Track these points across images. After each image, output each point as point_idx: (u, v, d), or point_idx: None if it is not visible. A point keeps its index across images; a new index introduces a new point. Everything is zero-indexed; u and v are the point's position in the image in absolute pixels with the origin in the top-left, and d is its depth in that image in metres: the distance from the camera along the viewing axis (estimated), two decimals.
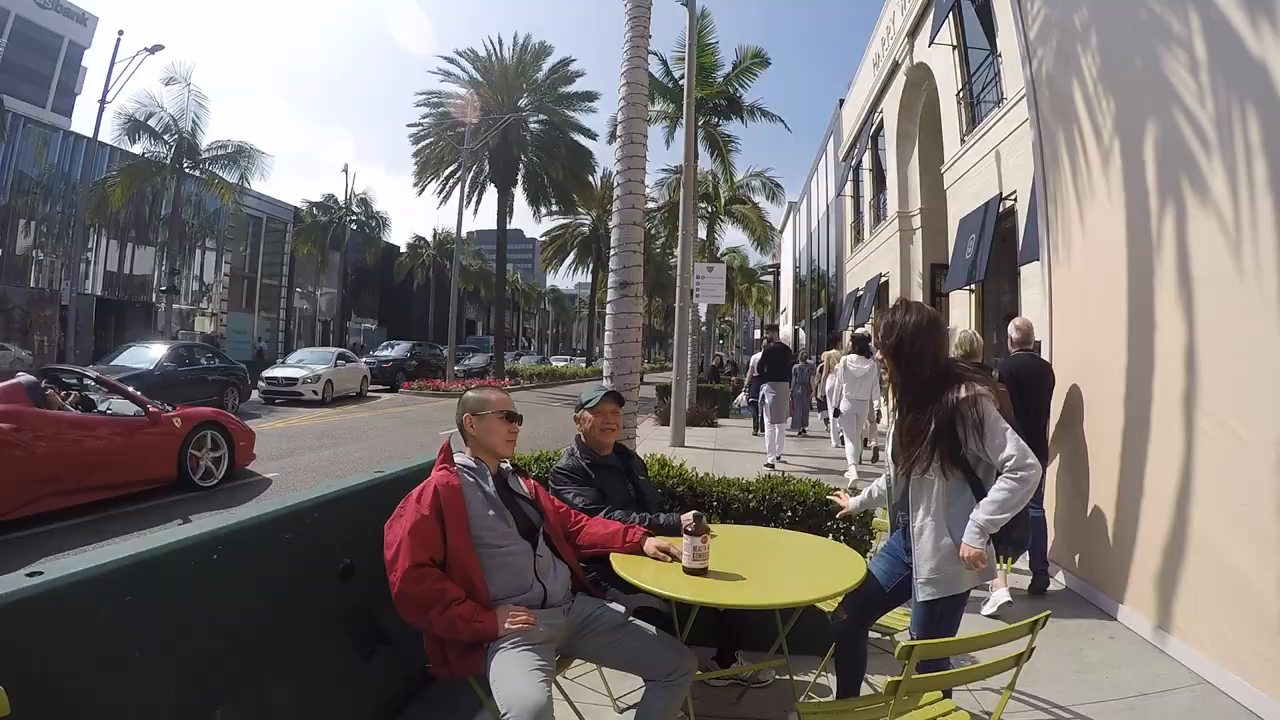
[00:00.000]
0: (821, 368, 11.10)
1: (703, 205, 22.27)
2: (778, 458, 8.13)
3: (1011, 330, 4.37)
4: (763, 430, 8.83)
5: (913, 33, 13.09)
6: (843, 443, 7.99)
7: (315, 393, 15.81)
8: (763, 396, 8.92)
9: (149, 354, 12.13)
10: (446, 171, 24.91)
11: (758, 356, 9.91)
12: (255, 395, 15.60)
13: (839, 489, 2.56)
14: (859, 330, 9.35)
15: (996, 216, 9.03)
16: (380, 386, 20.90)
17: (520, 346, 55.63)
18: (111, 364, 11.80)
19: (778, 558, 2.48)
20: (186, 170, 20.26)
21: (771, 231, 29.88)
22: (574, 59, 25.14)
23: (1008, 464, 1.98)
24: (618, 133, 5.45)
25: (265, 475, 7.49)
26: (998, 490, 1.98)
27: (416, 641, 2.05)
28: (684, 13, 11.07)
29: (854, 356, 7.64)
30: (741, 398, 13.63)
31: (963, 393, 2.04)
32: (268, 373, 16.45)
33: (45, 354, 21.50)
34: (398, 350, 24.87)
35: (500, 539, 2.12)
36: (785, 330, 33.05)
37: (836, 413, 7.85)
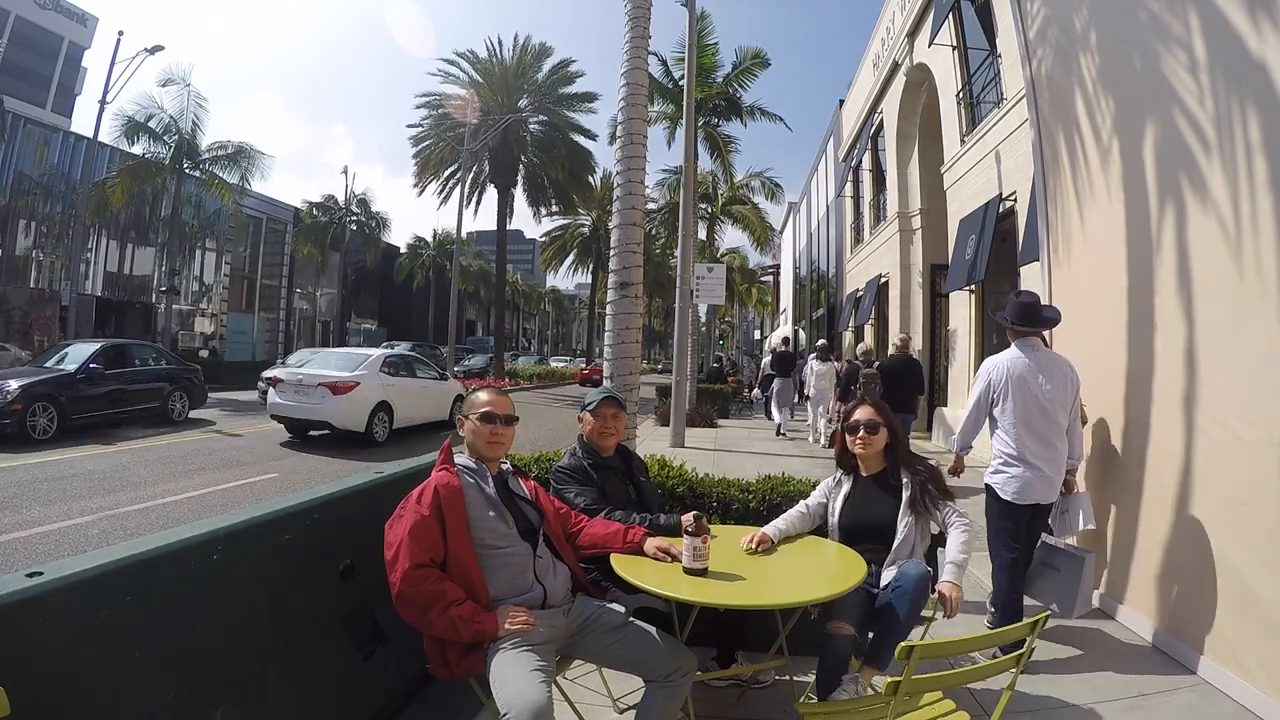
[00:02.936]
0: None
1: (703, 206, 22.28)
2: (782, 427, 12.13)
3: (896, 339, 7.80)
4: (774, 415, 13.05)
5: (912, 33, 13.08)
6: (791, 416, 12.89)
7: None
8: (773, 388, 12.87)
9: (82, 353, 10.52)
10: (446, 172, 24.94)
11: (768, 359, 15.05)
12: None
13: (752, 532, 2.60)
14: (819, 342, 13.23)
15: (996, 217, 9.02)
16: None
17: (520, 347, 55.65)
18: (44, 364, 10.51)
19: (777, 558, 2.47)
20: (186, 171, 20.23)
21: (771, 232, 29.88)
22: (574, 60, 25.21)
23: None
24: (618, 133, 5.45)
25: (265, 476, 7.50)
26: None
27: (416, 641, 2.05)
28: (684, 14, 11.08)
29: (817, 361, 11.28)
30: (757, 391, 17.54)
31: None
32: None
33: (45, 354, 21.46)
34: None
35: (500, 540, 2.11)
36: (786, 330, 33.30)
37: (807, 397, 11.66)
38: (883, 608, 2.35)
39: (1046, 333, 4.72)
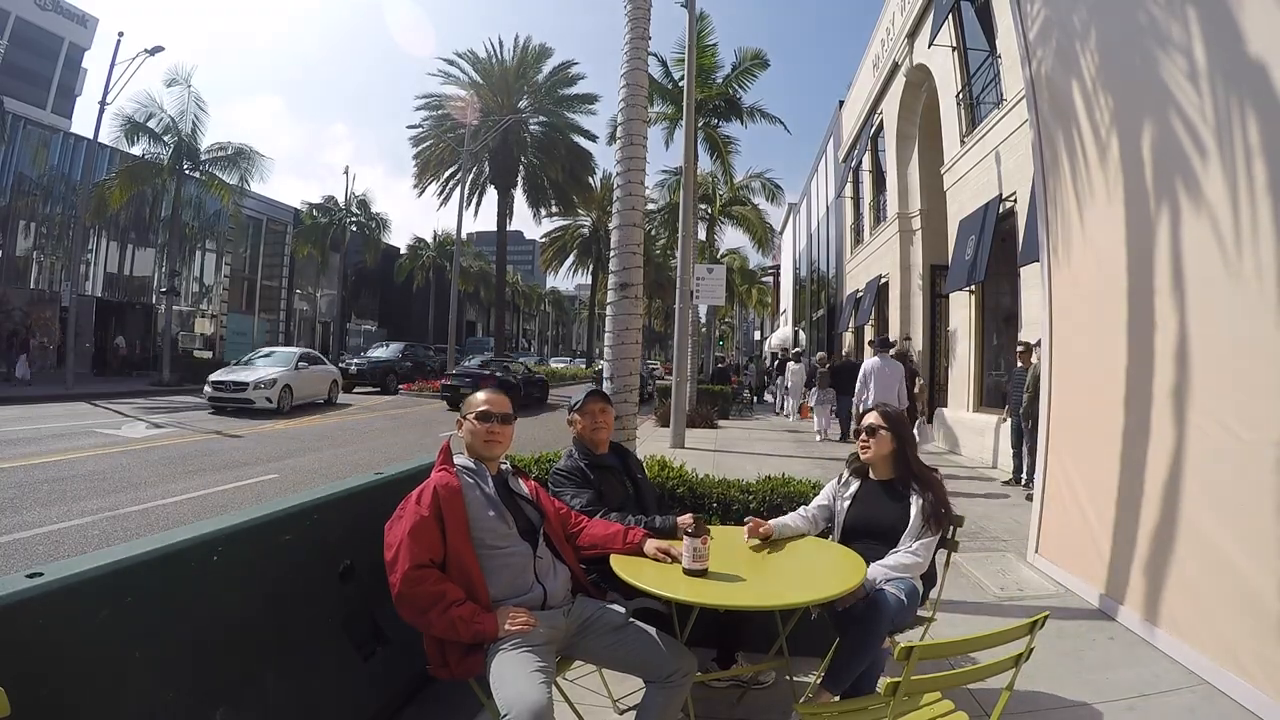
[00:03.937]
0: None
1: (702, 206, 22.27)
2: (789, 413, 16.24)
3: (844, 348, 16.56)
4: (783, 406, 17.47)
5: (912, 34, 13.09)
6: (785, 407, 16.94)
7: (269, 400, 13.61)
8: (780, 384, 17.71)
9: None
10: (447, 173, 24.99)
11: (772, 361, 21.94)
12: (203, 400, 13.99)
13: (749, 520, 2.63)
14: (795, 350, 18.16)
15: (996, 217, 9.03)
16: (371, 389, 20.61)
17: (520, 348, 55.61)
18: None
19: (777, 559, 2.47)
20: (186, 172, 20.20)
21: (771, 233, 29.88)
22: (575, 62, 25.29)
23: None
24: (617, 134, 5.44)
25: (265, 477, 7.50)
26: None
27: (416, 642, 2.05)
28: (684, 14, 11.09)
29: (793, 364, 16.42)
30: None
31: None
32: (215, 376, 14.24)
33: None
34: (390, 351, 24.31)
35: (500, 540, 2.11)
36: (787, 332, 33.46)
37: (787, 389, 16.37)
38: (850, 625, 2.29)
39: (1043, 337, 4.81)
